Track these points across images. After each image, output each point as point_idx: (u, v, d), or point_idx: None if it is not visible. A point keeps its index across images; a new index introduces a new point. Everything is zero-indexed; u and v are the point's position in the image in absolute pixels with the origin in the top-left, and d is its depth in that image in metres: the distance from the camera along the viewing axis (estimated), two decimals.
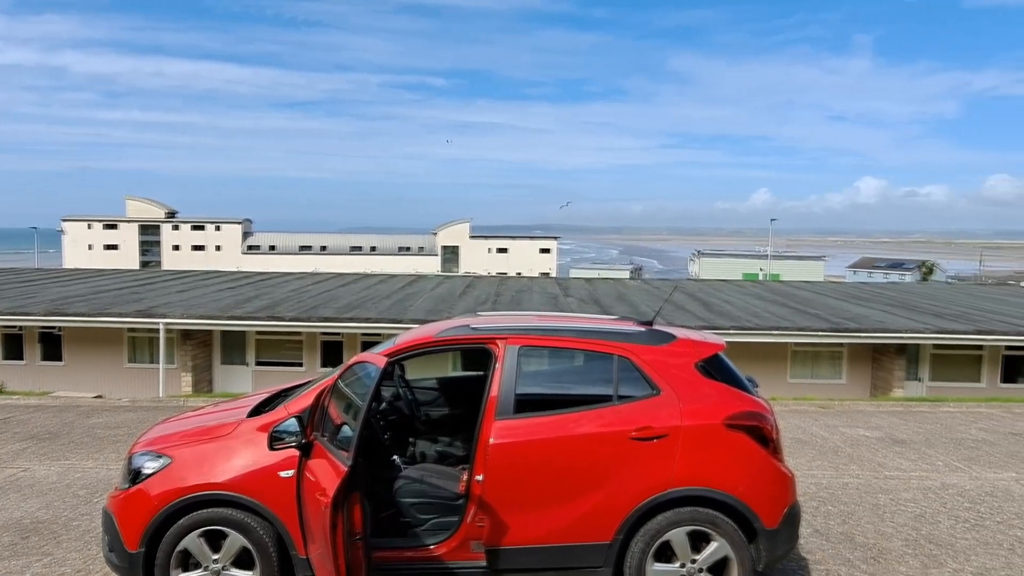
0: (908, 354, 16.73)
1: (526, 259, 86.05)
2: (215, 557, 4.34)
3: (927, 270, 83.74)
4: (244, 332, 17.70)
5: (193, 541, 4.32)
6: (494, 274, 42.61)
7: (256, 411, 4.82)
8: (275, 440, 4.32)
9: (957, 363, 17.39)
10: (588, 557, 4.38)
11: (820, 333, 15.80)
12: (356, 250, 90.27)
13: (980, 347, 16.95)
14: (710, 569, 4.38)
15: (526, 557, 4.38)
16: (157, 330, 16.11)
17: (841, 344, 16.97)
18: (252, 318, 16.14)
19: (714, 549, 4.36)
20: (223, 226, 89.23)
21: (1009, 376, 17.36)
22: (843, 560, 5.51)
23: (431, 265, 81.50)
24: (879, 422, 10.36)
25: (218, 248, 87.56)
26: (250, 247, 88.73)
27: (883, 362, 16.88)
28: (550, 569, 4.41)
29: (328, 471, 3.90)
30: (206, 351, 17.79)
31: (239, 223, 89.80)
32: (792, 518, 4.57)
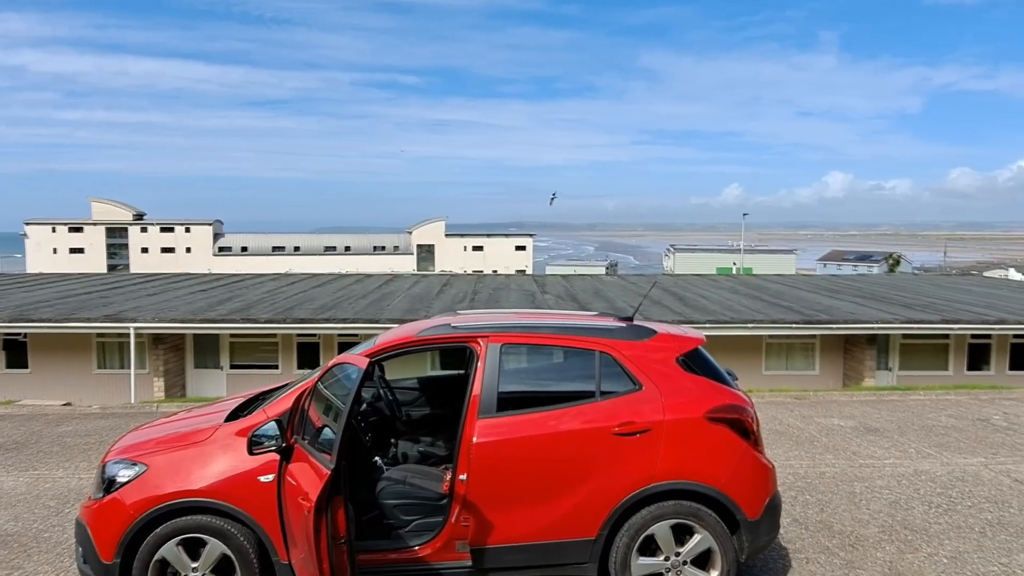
0: (878, 344, 17.07)
1: (502, 257, 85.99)
2: (194, 565, 4.26)
3: (894, 262, 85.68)
4: (217, 335, 17.42)
5: (171, 550, 4.24)
6: (470, 272, 42.54)
7: (233, 416, 4.75)
8: (254, 444, 4.25)
9: (925, 352, 17.80)
10: (573, 553, 4.38)
11: (793, 325, 16.05)
12: (330, 250, 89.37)
13: (947, 336, 17.37)
14: (694, 561, 4.42)
15: (512, 555, 4.37)
16: (127, 335, 15.76)
17: (814, 336, 17.25)
18: (225, 321, 15.88)
19: (697, 541, 4.39)
20: (193, 228, 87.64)
21: (974, 364, 17.83)
22: (822, 548, 5.59)
23: (406, 264, 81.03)
24: (852, 411, 10.55)
25: (188, 250, 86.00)
26: (221, 249, 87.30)
27: (854, 352, 17.20)
28: (536, 567, 4.41)
29: (310, 475, 3.85)
30: (178, 355, 17.48)
31: (209, 224, 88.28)
32: (773, 508, 4.63)
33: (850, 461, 7.96)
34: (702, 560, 4.43)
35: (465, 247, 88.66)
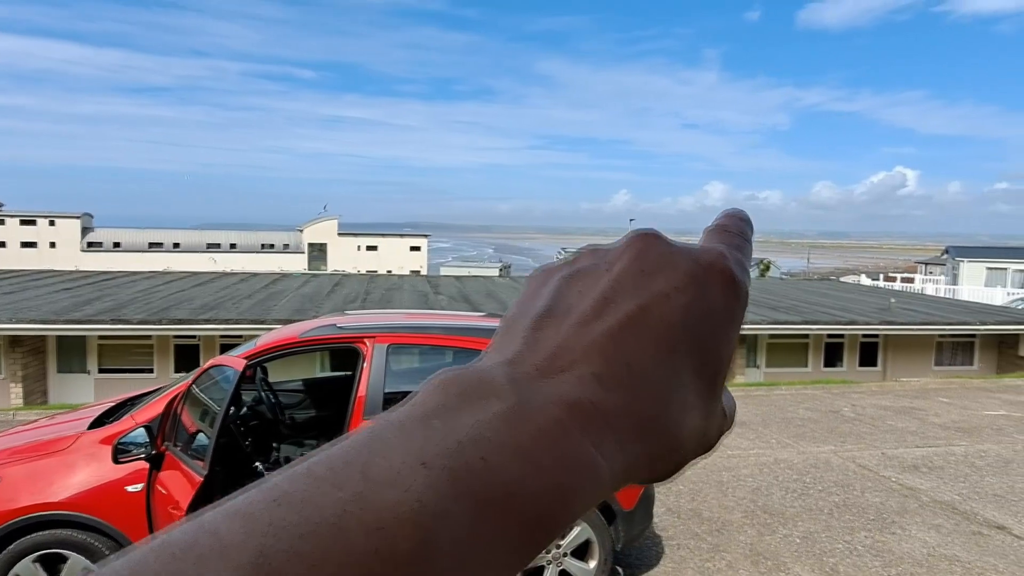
0: (748, 343, 18.40)
1: (396, 257, 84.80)
2: None
3: (764, 267, 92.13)
4: (84, 337, 16.14)
5: (27, 567, 3.96)
6: (363, 272, 41.71)
7: (98, 422, 4.48)
8: (120, 452, 4.04)
9: (788, 350, 19.36)
10: None
11: None
12: (214, 247, 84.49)
13: (807, 336, 18.98)
14: (574, 552, 4.62)
15: None
16: None
17: None
18: (93, 321, 14.73)
19: (577, 533, 4.60)
20: (58, 221, 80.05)
21: (830, 361, 19.61)
22: (692, 534, 6.00)
23: (297, 263, 78.04)
24: None
25: (52, 245, 78.47)
26: (91, 244, 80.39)
27: None
28: None
29: (182, 482, 3.71)
30: (39, 359, 16.03)
31: (77, 218, 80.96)
32: (647, 500, 4.92)
33: (719, 452, 8.55)
34: (581, 551, 4.64)
35: (359, 247, 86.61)
